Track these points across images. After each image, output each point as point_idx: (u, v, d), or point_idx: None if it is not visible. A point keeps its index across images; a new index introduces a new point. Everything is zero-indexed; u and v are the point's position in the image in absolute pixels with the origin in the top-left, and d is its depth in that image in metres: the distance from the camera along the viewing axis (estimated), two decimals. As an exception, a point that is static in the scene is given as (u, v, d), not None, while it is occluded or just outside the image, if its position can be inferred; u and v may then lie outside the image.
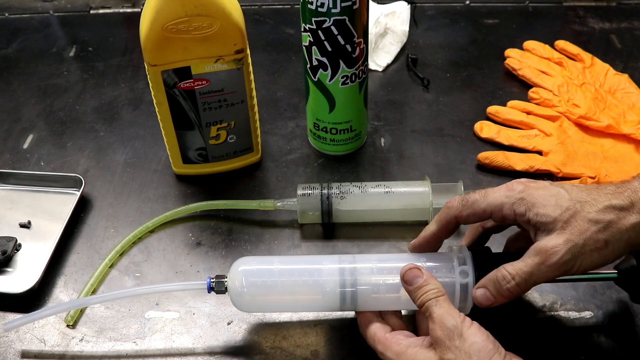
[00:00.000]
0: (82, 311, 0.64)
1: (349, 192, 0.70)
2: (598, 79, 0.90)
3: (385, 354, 0.54)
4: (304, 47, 0.71)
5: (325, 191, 0.70)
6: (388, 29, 0.98)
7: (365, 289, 0.57)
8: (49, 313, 0.61)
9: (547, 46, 0.94)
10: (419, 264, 0.56)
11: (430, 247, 0.60)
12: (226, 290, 0.58)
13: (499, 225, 0.61)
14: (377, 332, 0.55)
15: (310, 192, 0.70)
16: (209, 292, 0.58)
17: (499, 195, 0.55)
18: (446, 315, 0.51)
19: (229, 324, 0.63)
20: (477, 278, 0.55)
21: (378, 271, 0.57)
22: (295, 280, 0.57)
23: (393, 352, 0.53)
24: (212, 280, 0.58)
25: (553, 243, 0.51)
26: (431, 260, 0.58)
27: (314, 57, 0.71)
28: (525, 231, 0.56)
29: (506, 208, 0.54)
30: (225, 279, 0.58)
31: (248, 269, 0.58)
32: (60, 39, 1.04)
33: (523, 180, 0.56)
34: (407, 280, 0.54)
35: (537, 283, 0.52)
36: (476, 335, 0.50)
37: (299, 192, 0.70)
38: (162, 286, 0.62)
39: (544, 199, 0.53)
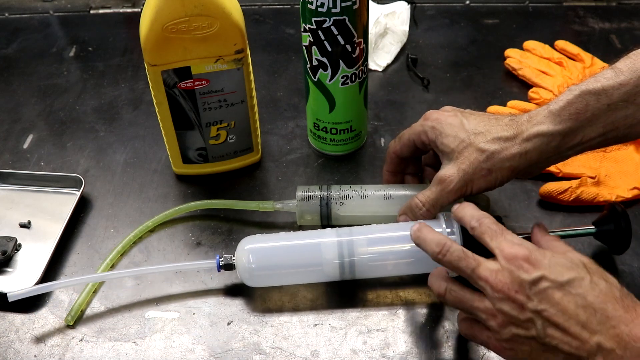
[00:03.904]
0: (82, 311, 0.64)
1: (348, 197, 0.69)
2: (598, 79, 0.89)
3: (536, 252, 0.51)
4: (304, 47, 0.71)
5: (324, 193, 0.69)
6: (388, 29, 0.97)
7: (362, 256, 0.61)
8: (58, 286, 0.65)
9: (547, 46, 0.94)
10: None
11: (394, 177, 0.70)
12: (234, 267, 0.63)
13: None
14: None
15: (310, 194, 0.69)
16: (218, 271, 0.63)
17: (418, 124, 0.64)
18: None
19: (229, 324, 0.63)
20: (464, 241, 0.57)
21: (375, 239, 0.62)
22: (298, 250, 0.62)
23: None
24: (220, 258, 0.63)
25: (449, 172, 0.60)
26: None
27: (314, 57, 0.71)
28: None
29: (423, 135, 0.63)
30: (233, 257, 0.63)
31: (254, 247, 0.62)
32: (60, 39, 1.04)
33: (440, 109, 0.64)
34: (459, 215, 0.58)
35: (443, 206, 0.61)
36: None
37: (298, 194, 0.69)
38: (174, 265, 0.66)
39: (448, 128, 0.61)
